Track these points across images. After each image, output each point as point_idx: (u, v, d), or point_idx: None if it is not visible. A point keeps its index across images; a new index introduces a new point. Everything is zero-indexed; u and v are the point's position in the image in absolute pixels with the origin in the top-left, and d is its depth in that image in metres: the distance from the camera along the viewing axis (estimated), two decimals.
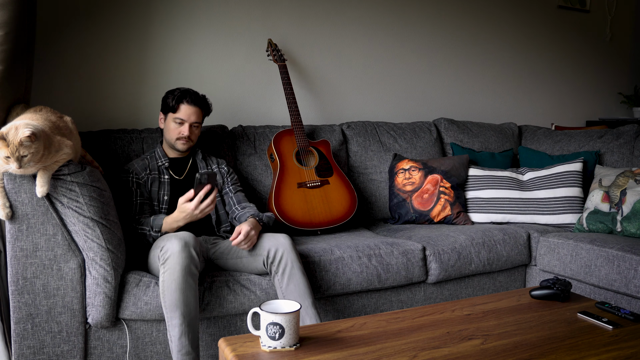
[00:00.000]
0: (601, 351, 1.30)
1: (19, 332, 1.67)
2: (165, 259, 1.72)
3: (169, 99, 2.14)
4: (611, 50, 4.09)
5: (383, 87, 3.21)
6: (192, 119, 2.14)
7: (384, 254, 2.15)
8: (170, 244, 1.73)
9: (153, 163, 2.15)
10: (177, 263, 1.69)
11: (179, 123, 2.13)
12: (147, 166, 2.12)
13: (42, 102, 1.93)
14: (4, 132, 1.50)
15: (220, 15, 2.73)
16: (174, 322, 1.67)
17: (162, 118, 2.18)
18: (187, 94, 2.14)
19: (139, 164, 2.13)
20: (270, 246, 1.90)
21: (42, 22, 2.30)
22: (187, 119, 2.13)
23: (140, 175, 2.10)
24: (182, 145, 2.15)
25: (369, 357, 1.25)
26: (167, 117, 2.15)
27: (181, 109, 2.12)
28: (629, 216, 2.34)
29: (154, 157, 2.17)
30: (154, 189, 2.11)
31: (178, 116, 2.12)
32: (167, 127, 2.15)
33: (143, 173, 2.11)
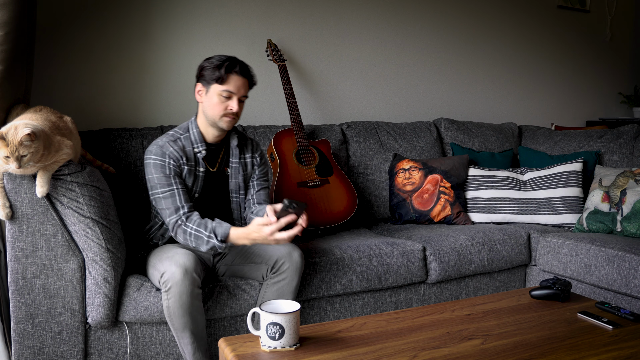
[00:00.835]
0: (601, 351, 1.30)
1: (19, 332, 1.67)
2: (167, 287, 1.66)
3: (213, 68, 1.82)
4: (611, 50, 4.09)
5: (383, 87, 3.21)
6: (242, 92, 1.85)
7: (384, 254, 2.15)
8: (170, 273, 1.65)
9: (189, 149, 1.88)
10: (182, 292, 1.65)
11: (227, 97, 1.83)
12: (182, 152, 1.86)
13: (42, 102, 1.93)
14: (4, 131, 1.50)
15: (220, 15, 2.73)
16: (185, 341, 1.70)
17: (201, 90, 1.87)
18: (237, 62, 1.84)
19: (174, 147, 1.84)
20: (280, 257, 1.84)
21: (42, 21, 2.30)
22: (236, 92, 1.83)
23: (178, 163, 1.84)
24: (229, 122, 1.86)
25: (369, 357, 1.25)
26: (209, 89, 1.84)
27: (230, 80, 1.81)
28: (629, 216, 2.34)
29: (189, 139, 1.89)
30: (187, 182, 1.88)
31: (227, 88, 1.81)
32: (210, 102, 1.84)
33: (181, 161, 1.85)
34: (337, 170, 2.54)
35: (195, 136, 1.89)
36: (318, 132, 2.74)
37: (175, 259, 1.68)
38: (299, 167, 2.47)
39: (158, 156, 1.82)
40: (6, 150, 1.49)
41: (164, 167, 1.81)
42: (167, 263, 1.69)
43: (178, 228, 1.79)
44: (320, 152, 2.56)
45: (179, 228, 1.79)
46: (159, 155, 1.82)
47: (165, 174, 1.81)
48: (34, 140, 1.52)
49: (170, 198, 1.80)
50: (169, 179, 1.81)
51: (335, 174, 2.52)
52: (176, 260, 1.68)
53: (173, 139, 1.86)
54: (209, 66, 1.83)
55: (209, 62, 1.84)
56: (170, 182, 1.81)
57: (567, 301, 1.66)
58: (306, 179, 2.44)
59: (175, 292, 1.65)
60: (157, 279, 1.73)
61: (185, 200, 1.81)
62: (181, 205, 1.80)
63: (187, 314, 1.67)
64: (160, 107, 2.62)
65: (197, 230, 1.76)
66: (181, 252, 1.72)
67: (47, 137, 1.59)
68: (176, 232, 1.80)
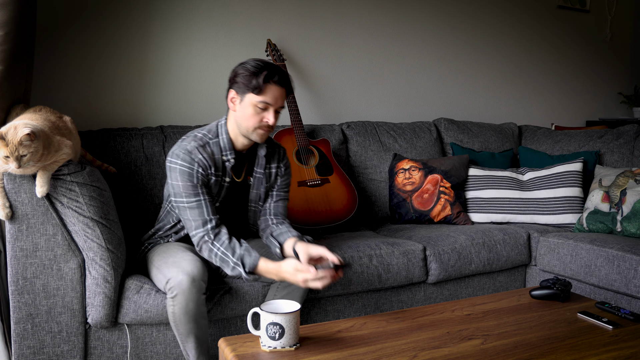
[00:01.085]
0: (601, 351, 1.30)
1: (19, 332, 1.67)
2: (174, 294, 1.61)
3: (249, 75, 1.67)
4: (611, 50, 4.09)
5: (383, 87, 3.21)
6: (279, 103, 1.72)
7: (384, 254, 2.15)
8: (177, 280, 1.61)
9: (217, 157, 1.75)
10: (188, 300, 1.61)
11: (262, 108, 1.69)
12: (211, 160, 1.73)
13: (42, 102, 1.92)
14: (4, 131, 1.50)
15: (220, 15, 2.73)
16: (190, 346, 1.68)
17: (234, 98, 1.73)
18: (276, 71, 1.69)
19: (203, 154, 1.71)
20: None
21: (42, 21, 2.30)
22: (273, 104, 1.69)
23: (206, 172, 1.73)
24: (262, 136, 1.74)
25: (369, 357, 1.25)
26: (243, 98, 1.70)
27: (268, 91, 1.67)
28: (629, 216, 2.34)
29: (218, 145, 1.76)
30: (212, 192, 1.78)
31: (263, 99, 1.68)
32: (244, 112, 1.70)
33: (210, 170, 1.73)
34: (337, 170, 2.54)
35: (225, 143, 1.76)
36: (318, 132, 2.74)
37: (182, 265, 1.64)
38: (299, 166, 2.47)
39: (186, 163, 1.69)
40: (6, 150, 1.49)
41: (191, 175, 1.69)
42: (174, 270, 1.63)
43: (204, 244, 1.70)
44: (320, 152, 2.56)
45: (205, 244, 1.70)
46: (186, 162, 1.69)
47: (192, 182, 1.69)
48: (34, 140, 1.52)
49: (197, 209, 1.69)
50: (196, 189, 1.69)
51: (336, 173, 2.52)
52: (183, 267, 1.63)
53: (202, 144, 1.73)
54: (244, 73, 1.68)
55: (244, 69, 1.69)
56: (198, 192, 1.69)
57: (567, 301, 1.66)
58: (306, 178, 2.44)
59: (181, 300, 1.61)
60: (161, 283, 1.69)
61: (213, 213, 1.71)
62: (209, 218, 1.70)
63: (192, 321, 1.65)
64: (160, 107, 2.62)
65: (224, 254, 1.67)
66: (188, 257, 1.68)
67: (47, 137, 1.59)
68: (201, 248, 1.71)
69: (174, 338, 1.83)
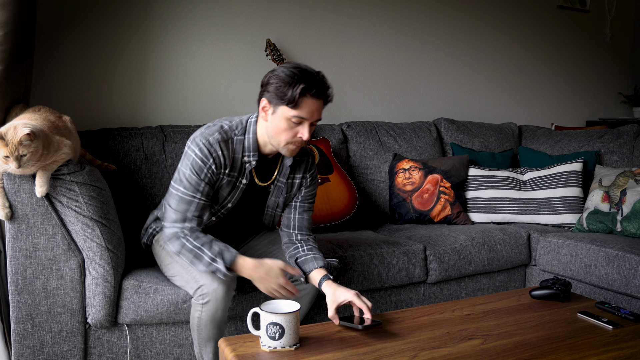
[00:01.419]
0: (601, 351, 1.30)
1: (19, 332, 1.67)
2: (206, 300, 1.58)
3: (283, 86, 1.50)
4: (611, 50, 4.09)
5: (383, 87, 3.21)
6: (315, 117, 1.55)
7: (385, 254, 2.15)
8: (212, 288, 1.57)
9: (237, 156, 1.62)
10: (218, 307, 1.59)
11: (297, 122, 1.54)
12: (230, 159, 1.61)
13: (42, 102, 1.92)
14: (3, 131, 1.50)
15: (220, 15, 2.73)
16: (208, 350, 1.66)
17: (266, 107, 1.57)
18: (314, 82, 1.52)
19: (224, 150, 1.59)
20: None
21: (42, 21, 2.30)
22: (309, 118, 1.54)
23: (219, 171, 1.61)
24: (293, 151, 1.61)
25: (369, 357, 1.25)
26: (276, 110, 1.54)
27: (304, 104, 1.51)
28: (629, 216, 2.34)
29: (242, 144, 1.63)
30: (222, 193, 1.68)
31: (298, 114, 1.52)
32: (276, 125, 1.56)
33: (222, 169, 1.62)
34: (337, 169, 2.54)
35: (250, 143, 1.63)
36: (318, 131, 2.74)
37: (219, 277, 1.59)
38: None
39: (203, 155, 1.58)
40: (5, 150, 1.49)
41: (202, 170, 1.58)
42: (210, 279, 1.57)
43: (176, 239, 1.59)
44: (320, 151, 2.55)
45: (178, 239, 1.59)
46: (204, 155, 1.58)
47: (198, 177, 1.58)
48: (33, 140, 1.52)
49: (185, 204, 1.59)
50: (199, 185, 1.59)
51: (336, 172, 2.52)
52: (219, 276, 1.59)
53: (226, 138, 1.60)
54: (277, 83, 1.52)
55: (277, 78, 1.52)
56: (198, 189, 1.59)
57: (567, 301, 1.66)
58: None
59: (212, 307, 1.58)
60: (188, 284, 1.64)
61: (197, 215, 1.61)
62: (190, 217, 1.60)
63: (216, 327, 1.63)
64: (160, 106, 2.62)
65: (199, 249, 1.56)
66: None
67: (46, 137, 1.59)
68: (171, 241, 1.60)
69: (174, 338, 1.83)
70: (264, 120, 1.60)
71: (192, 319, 1.65)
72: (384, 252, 2.15)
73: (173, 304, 1.77)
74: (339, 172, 2.54)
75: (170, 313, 1.77)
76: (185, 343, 1.85)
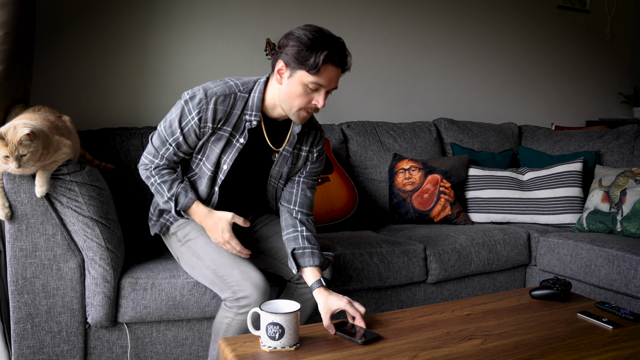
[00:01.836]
0: (601, 351, 1.30)
1: (19, 332, 1.67)
2: (242, 304, 1.56)
3: (305, 50, 1.46)
4: (611, 50, 4.09)
5: (383, 87, 3.21)
6: (333, 85, 1.52)
7: (385, 253, 2.15)
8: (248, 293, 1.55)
9: (235, 111, 1.58)
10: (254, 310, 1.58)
11: (314, 89, 1.51)
12: (225, 113, 1.57)
13: (42, 102, 1.93)
14: (3, 131, 1.50)
15: (220, 15, 2.73)
16: None
17: (282, 70, 1.52)
18: (338, 49, 1.49)
19: (219, 106, 1.55)
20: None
21: (42, 22, 2.30)
22: (327, 85, 1.50)
23: (205, 125, 1.57)
24: (305, 118, 1.58)
25: (368, 357, 1.25)
26: (293, 73, 1.50)
27: (324, 72, 1.48)
28: (629, 216, 2.34)
29: (245, 101, 1.59)
30: (213, 148, 1.62)
31: (317, 80, 1.48)
32: (291, 89, 1.52)
33: (210, 124, 1.57)
34: (337, 168, 2.54)
35: (254, 102, 1.58)
36: None
37: (254, 282, 1.57)
38: None
39: (192, 107, 1.56)
40: (5, 149, 1.49)
41: (185, 117, 1.57)
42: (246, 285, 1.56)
43: (145, 170, 1.67)
44: None
45: (146, 171, 1.67)
46: (193, 107, 1.56)
47: (180, 125, 1.58)
48: (33, 140, 1.52)
49: (160, 143, 1.63)
50: (175, 132, 1.59)
51: (336, 172, 2.52)
52: (256, 284, 1.56)
53: (227, 93, 1.57)
54: (298, 46, 1.46)
55: (298, 41, 1.46)
56: (173, 135, 1.60)
57: (567, 301, 1.66)
58: None
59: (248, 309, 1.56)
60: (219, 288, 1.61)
61: (168, 159, 1.64)
62: (161, 156, 1.64)
63: (242, 331, 1.61)
64: (160, 106, 2.62)
65: (160, 186, 1.63)
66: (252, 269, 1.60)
67: (46, 137, 1.59)
68: (141, 170, 1.69)
69: (174, 338, 1.83)
70: (278, 83, 1.55)
71: (219, 321, 1.63)
72: (384, 251, 2.15)
73: (171, 298, 1.77)
74: (339, 172, 2.54)
75: (169, 308, 1.77)
76: (185, 343, 1.85)
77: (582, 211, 2.55)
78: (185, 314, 1.79)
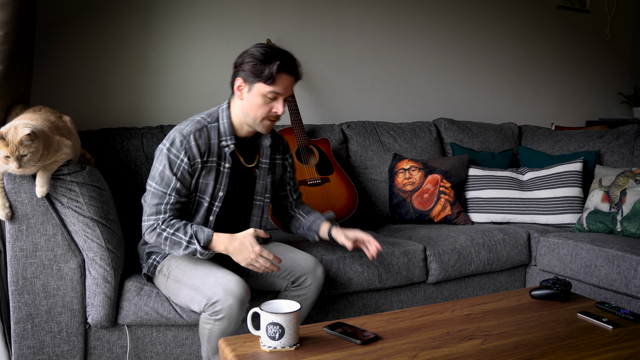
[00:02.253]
0: (601, 351, 1.30)
1: (19, 332, 1.67)
2: (220, 317, 1.56)
3: (259, 64, 1.60)
4: (611, 50, 4.09)
5: (383, 87, 3.21)
6: (289, 92, 1.68)
7: (385, 254, 2.15)
8: (226, 304, 1.54)
9: (213, 142, 1.68)
10: (232, 322, 1.57)
11: (272, 98, 1.64)
12: (206, 146, 1.66)
13: (42, 102, 1.92)
14: (4, 131, 1.50)
15: (220, 15, 2.73)
16: (217, 358, 1.64)
17: (242, 87, 1.66)
18: (287, 59, 1.64)
19: (198, 140, 1.64)
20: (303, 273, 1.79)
21: (42, 22, 2.30)
22: (283, 93, 1.65)
23: (194, 161, 1.65)
24: (269, 126, 1.69)
25: (369, 357, 1.25)
26: (252, 87, 1.64)
27: (279, 80, 1.62)
28: (629, 216, 2.34)
29: (217, 130, 1.69)
30: (206, 182, 1.69)
31: (274, 90, 1.62)
32: (252, 102, 1.65)
33: (198, 159, 1.65)
34: (337, 169, 2.54)
35: (225, 128, 1.69)
36: (318, 131, 2.74)
37: (229, 287, 1.56)
38: (300, 165, 2.47)
39: (175, 150, 1.63)
40: (6, 150, 1.49)
41: (174, 164, 1.64)
42: (220, 291, 1.55)
43: (153, 231, 1.65)
44: (320, 151, 2.55)
45: (154, 231, 1.65)
46: (176, 149, 1.63)
47: (172, 172, 1.64)
48: (34, 140, 1.52)
49: (158, 199, 1.65)
50: (170, 181, 1.64)
51: (336, 172, 2.52)
52: (229, 288, 1.56)
53: (199, 127, 1.66)
54: (252, 61, 1.61)
55: (252, 57, 1.62)
56: (169, 185, 1.65)
57: (567, 301, 1.66)
58: (307, 177, 2.44)
59: (225, 323, 1.57)
60: (197, 302, 1.60)
61: (172, 208, 1.66)
62: (165, 209, 1.65)
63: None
64: (160, 106, 2.62)
65: (176, 235, 1.62)
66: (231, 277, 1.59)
67: (47, 137, 1.59)
68: (148, 233, 1.67)
69: (174, 338, 1.84)
70: (239, 100, 1.68)
71: (202, 329, 1.63)
72: (383, 252, 2.15)
73: (173, 310, 1.77)
74: (339, 172, 2.55)
75: (169, 319, 1.77)
76: (185, 343, 1.85)
77: (582, 211, 2.55)
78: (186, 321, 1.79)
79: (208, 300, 1.58)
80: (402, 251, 2.19)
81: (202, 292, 1.59)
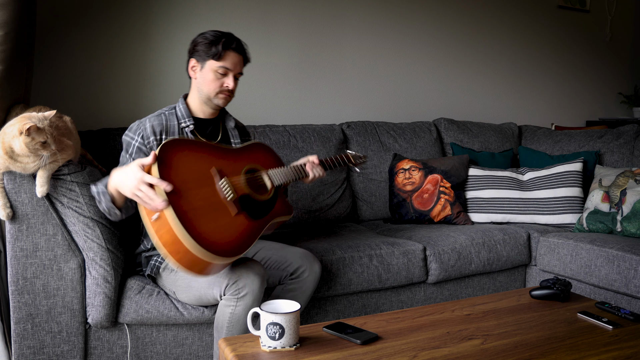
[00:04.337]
0: (601, 351, 1.30)
1: (19, 332, 1.67)
2: (243, 293, 1.59)
3: (209, 44, 1.76)
4: (611, 50, 4.09)
5: (383, 87, 3.21)
6: (238, 69, 1.81)
7: (384, 255, 2.15)
8: (249, 279, 1.60)
9: (172, 123, 1.80)
10: (256, 299, 1.61)
11: (222, 74, 1.79)
12: (162, 126, 1.77)
13: (42, 102, 1.93)
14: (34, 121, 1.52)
15: (220, 15, 2.73)
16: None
17: (195, 66, 1.81)
18: (233, 39, 1.79)
19: (154, 122, 1.76)
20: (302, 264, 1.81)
21: (42, 22, 2.30)
22: (232, 69, 1.79)
23: (148, 141, 1.74)
24: (225, 100, 1.83)
25: (369, 357, 1.25)
26: (204, 65, 1.79)
27: (227, 57, 1.77)
28: (629, 216, 2.34)
29: (174, 114, 1.82)
30: None
31: (224, 65, 1.77)
32: (205, 78, 1.79)
33: (152, 137, 1.75)
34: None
35: (182, 111, 1.82)
36: (318, 131, 2.73)
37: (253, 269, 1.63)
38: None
39: (131, 134, 1.75)
40: (43, 135, 1.51)
41: (129, 145, 1.74)
42: (238, 269, 1.62)
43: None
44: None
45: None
46: (133, 133, 1.75)
47: (128, 152, 1.74)
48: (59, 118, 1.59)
49: None
50: (127, 161, 1.70)
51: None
52: (248, 265, 1.63)
53: (157, 115, 1.80)
54: (203, 42, 1.77)
55: (204, 38, 1.78)
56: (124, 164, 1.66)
57: (567, 301, 1.66)
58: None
59: (249, 300, 1.60)
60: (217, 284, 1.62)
61: None
62: None
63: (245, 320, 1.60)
64: (160, 107, 2.60)
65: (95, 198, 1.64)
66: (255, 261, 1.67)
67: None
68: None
69: (174, 338, 1.84)
70: (194, 80, 1.83)
71: (221, 317, 1.63)
72: (383, 252, 2.15)
73: (174, 308, 1.77)
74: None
75: (170, 317, 1.77)
76: (185, 343, 1.85)
77: (582, 211, 2.55)
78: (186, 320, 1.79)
79: (229, 280, 1.60)
80: (402, 251, 2.19)
81: (223, 274, 1.62)
